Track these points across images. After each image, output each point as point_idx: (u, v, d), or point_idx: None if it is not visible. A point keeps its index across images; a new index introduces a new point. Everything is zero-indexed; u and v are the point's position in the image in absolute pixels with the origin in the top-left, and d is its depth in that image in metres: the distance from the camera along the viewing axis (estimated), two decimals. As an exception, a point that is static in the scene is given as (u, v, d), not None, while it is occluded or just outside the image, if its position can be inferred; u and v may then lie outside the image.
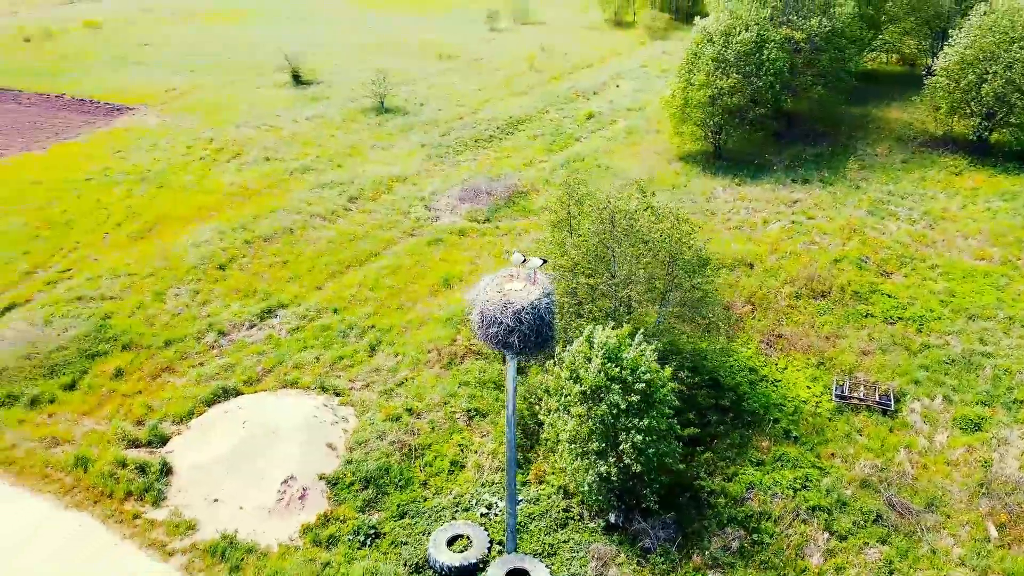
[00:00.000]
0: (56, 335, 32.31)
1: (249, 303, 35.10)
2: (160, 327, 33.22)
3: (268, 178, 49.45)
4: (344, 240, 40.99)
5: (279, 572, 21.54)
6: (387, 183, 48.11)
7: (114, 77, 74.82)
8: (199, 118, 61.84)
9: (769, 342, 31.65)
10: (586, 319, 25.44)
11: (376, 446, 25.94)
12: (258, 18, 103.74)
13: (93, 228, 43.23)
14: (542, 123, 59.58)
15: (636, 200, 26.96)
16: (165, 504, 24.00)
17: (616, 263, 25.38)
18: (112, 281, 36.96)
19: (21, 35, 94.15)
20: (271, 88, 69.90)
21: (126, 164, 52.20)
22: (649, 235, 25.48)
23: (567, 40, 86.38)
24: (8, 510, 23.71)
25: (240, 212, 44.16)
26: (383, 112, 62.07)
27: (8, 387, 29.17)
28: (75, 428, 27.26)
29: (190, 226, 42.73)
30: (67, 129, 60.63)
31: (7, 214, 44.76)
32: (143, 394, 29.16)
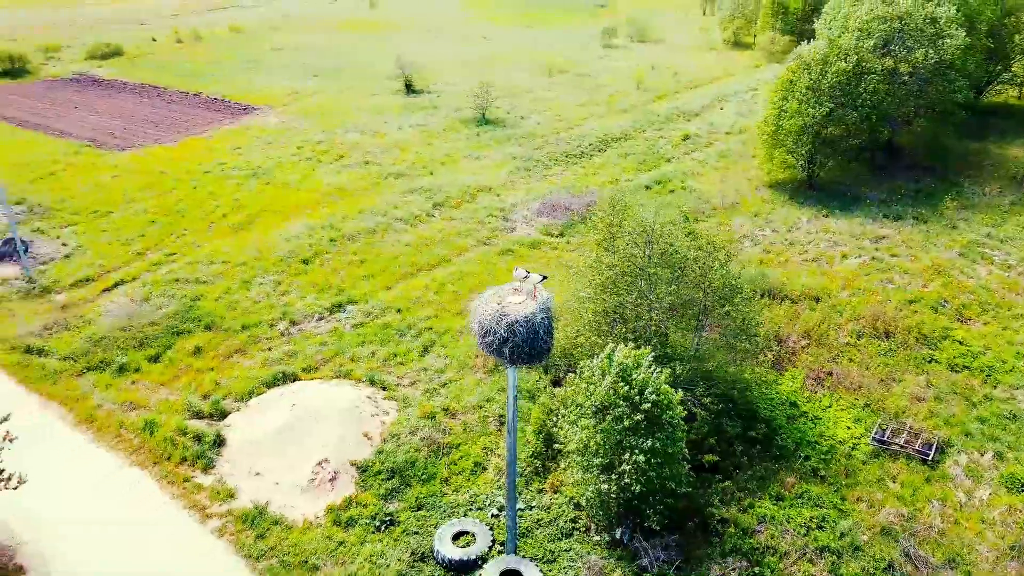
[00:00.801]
0: (151, 311, 35.86)
1: (323, 297, 37.60)
2: (240, 312, 36.18)
3: (364, 181, 52.40)
4: (421, 244, 43.03)
5: (297, 544, 23.40)
6: (472, 192, 49.95)
7: (246, 79, 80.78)
8: (314, 121, 66.00)
9: (818, 378, 31.06)
10: (614, 339, 25.99)
11: (408, 440, 27.51)
12: (387, 30, 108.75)
13: (202, 217, 47.32)
14: (636, 142, 59.93)
15: (676, 223, 27.28)
16: (213, 472, 26.43)
17: (649, 285, 25.85)
18: (207, 267, 40.49)
19: (175, 37, 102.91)
20: (384, 96, 73.56)
21: (241, 160, 56.59)
22: (683, 260, 25.80)
23: (681, 60, 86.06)
24: (80, 462, 26.82)
25: (332, 211, 47.14)
26: (483, 123, 64.20)
27: (103, 354, 32.74)
28: (151, 396, 30.34)
29: (286, 221, 46.01)
30: (197, 125, 66.17)
31: (134, 200, 49.68)
32: (214, 371, 31.98)
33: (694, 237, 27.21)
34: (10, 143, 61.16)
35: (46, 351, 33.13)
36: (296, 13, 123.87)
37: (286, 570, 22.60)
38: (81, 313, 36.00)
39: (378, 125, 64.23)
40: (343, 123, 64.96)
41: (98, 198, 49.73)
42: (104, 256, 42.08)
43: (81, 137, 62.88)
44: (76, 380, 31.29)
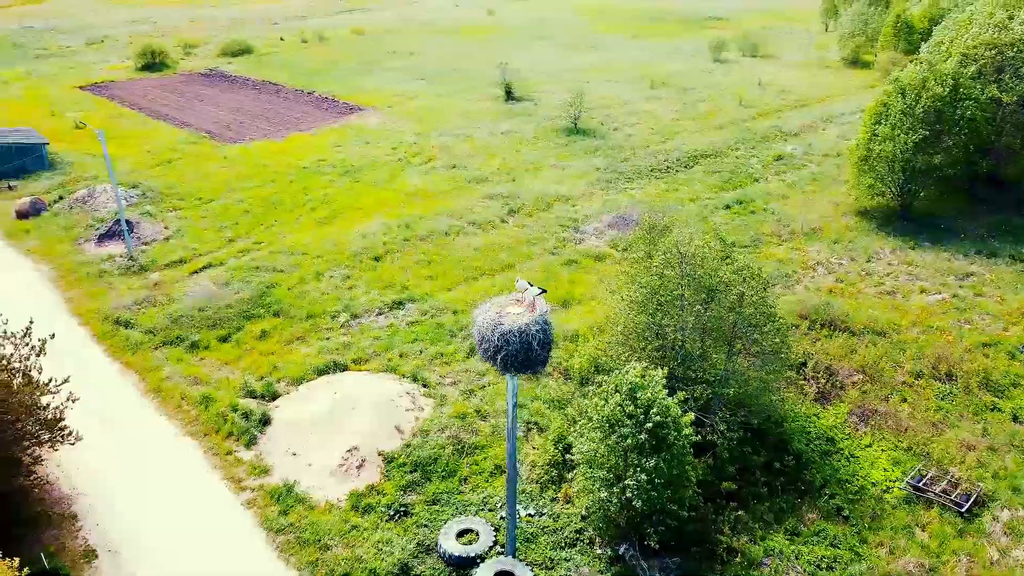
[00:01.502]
0: (229, 295, 38.59)
1: (386, 293, 39.31)
2: (307, 302, 38.37)
3: (446, 184, 54.09)
4: (488, 249, 44.12)
5: (315, 524, 24.90)
6: (548, 201, 50.69)
7: (357, 80, 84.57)
8: (412, 123, 68.52)
9: (863, 415, 30.00)
10: (641, 356, 26.18)
11: (436, 437, 28.60)
12: (501, 36, 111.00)
13: (292, 209, 50.27)
14: (726, 160, 58.97)
15: (710, 246, 27.09)
16: (254, 448, 28.39)
17: (678, 307, 25.85)
18: (287, 257, 43.07)
19: (301, 37, 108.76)
20: (484, 101, 75.37)
21: (338, 157, 59.54)
22: (716, 284, 25.66)
23: (791, 77, 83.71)
24: (142, 428, 29.42)
25: (410, 211, 48.99)
26: (574, 133, 64.81)
27: (179, 331, 35.59)
28: (214, 373, 32.79)
29: (367, 219, 48.21)
30: (305, 122, 70.00)
31: (234, 189, 53.31)
32: (275, 355, 34.15)
33: (731, 262, 26.93)
34: (139, 132, 66.74)
35: (132, 323, 36.34)
36: (418, 17, 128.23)
37: (300, 546, 24.11)
38: (168, 292, 39.17)
39: (471, 130, 65.96)
40: (439, 126, 67.08)
41: (203, 186, 53.66)
42: (198, 240, 45.50)
43: (200, 128, 67.84)
44: (152, 352, 34.21)
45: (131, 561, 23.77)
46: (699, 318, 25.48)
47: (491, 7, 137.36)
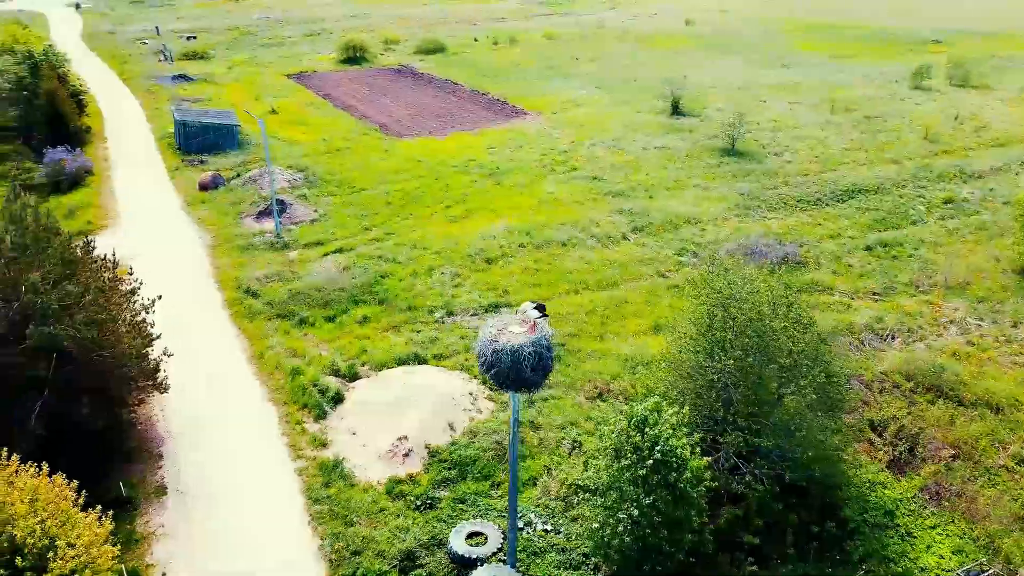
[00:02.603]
0: (345, 279, 41.97)
1: (487, 296, 40.91)
2: (412, 295, 40.85)
3: (582, 194, 54.82)
4: (600, 265, 44.46)
5: (349, 499, 26.99)
6: (676, 222, 49.99)
7: (533, 84, 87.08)
8: (570, 130, 69.78)
9: (938, 493, 27.49)
10: (685, 395, 25.85)
11: (482, 440, 29.78)
12: (693, 47, 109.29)
13: (430, 205, 53.30)
14: (887, 198, 54.91)
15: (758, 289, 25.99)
16: (321, 422, 31.07)
17: (720, 350, 25.18)
18: (409, 250, 45.93)
19: (493, 39, 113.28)
20: (649, 114, 75.08)
21: (488, 159, 62.07)
22: (762, 329, 24.71)
23: (998, 112, 75.77)
24: (235, 388, 33.09)
25: (536, 218, 50.29)
26: (730, 154, 63.05)
27: (293, 306, 39.33)
28: (311, 349, 36.02)
29: (493, 222, 50.14)
30: (470, 122, 73.38)
31: (385, 181, 57.36)
32: (368, 340, 36.85)
33: (787, 307, 25.70)
34: (323, 120, 73.26)
35: (258, 294, 40.61)
36: (614, 24, 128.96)
37: (330, 518, 26.29)
38: (296, 269, 43.26)
39: (625, 142, 66.09)
40: (595, 136, 67.81)
41: (359, 176, 58.17)
42: (339, 226, 49.61)
43: (375, 121, 73.21)
44: (266, 322, 38.14)
45: (191, 501, 27.11)
46: (739, 363, 24.68)
47: (691, 17, 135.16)
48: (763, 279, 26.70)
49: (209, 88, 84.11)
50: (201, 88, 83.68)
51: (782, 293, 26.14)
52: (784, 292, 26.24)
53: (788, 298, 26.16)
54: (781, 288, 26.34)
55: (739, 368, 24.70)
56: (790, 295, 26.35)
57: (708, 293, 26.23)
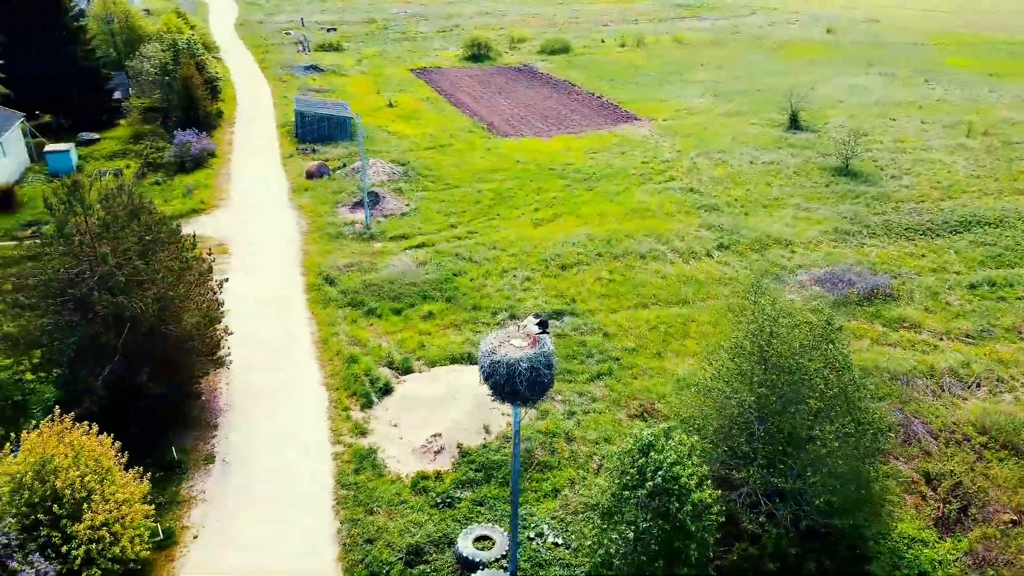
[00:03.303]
0: (419, 274, 43.30)
1: (553, 302, 41.06)
2: (480, 295, 41.59)
3: (673, 206, 53.82)
4: (675, 280, 43.63)
5: (375, 489, 28.05)
6: (765, 243, 48.23)
7: (651, 89, 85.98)
8: (677, 139, 68.53)
9: (983, 561, 25.45)
10: (703, 430, 25.24)
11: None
12: (829, 57, 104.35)
13: (519, 207, 53.93)
14: (1009, 232, 50.64)
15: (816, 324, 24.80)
16: (366, 411, 32.37)
17: (746, 385, 24.35)
18: (487, 250, 46.71)
19: (620, 41, 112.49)
20: (764, 127, 72.55)
21: (586, 164, 61.99)
22: (794, 366, 23.67)
23: None
24: (296, 369, 34.99)
25: (620, 227, 49.88)
26: (842, 174, 60.05)
27: (365, 296, 40.98)
28: (372, 339, 37.49)
29: (577, 228, 50.15)
30: (578, 125, 73.44)
31: (480, 180, 58.49)
32: (428, 336, 37.91)
33: (826, 346, 24.41)
34: (434, 116, 75.41)
35: (336, 282, 42.60)
36: (749, 31, 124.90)
37: (354, 504, 27.45)
38: (376, 261, 45.01)
39: (732, 155, 64.22)
40: (701, 146, 66.27)
41: (456, 173, 59.58)
42: (426, 221, 51.12)
43: (484, 120, 74.59)
44: (337, 310, 39.98)
45: (234, 472, 29.04)
46: (763, 400, 23.80)
47: (834, 25, 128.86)
48: (805, 313, 25.56)
49: (336, 79, 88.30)
50: (329, 79, 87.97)
51: (822, 330, 24.91)
52: (824, 329, 24.99)
53: (828, 335, 24.91)
54: (821, 325, 25.09)
55: (762, 405, 23.83)
56: (830, 332, 25.07)
57: (744, 322, 25.43)
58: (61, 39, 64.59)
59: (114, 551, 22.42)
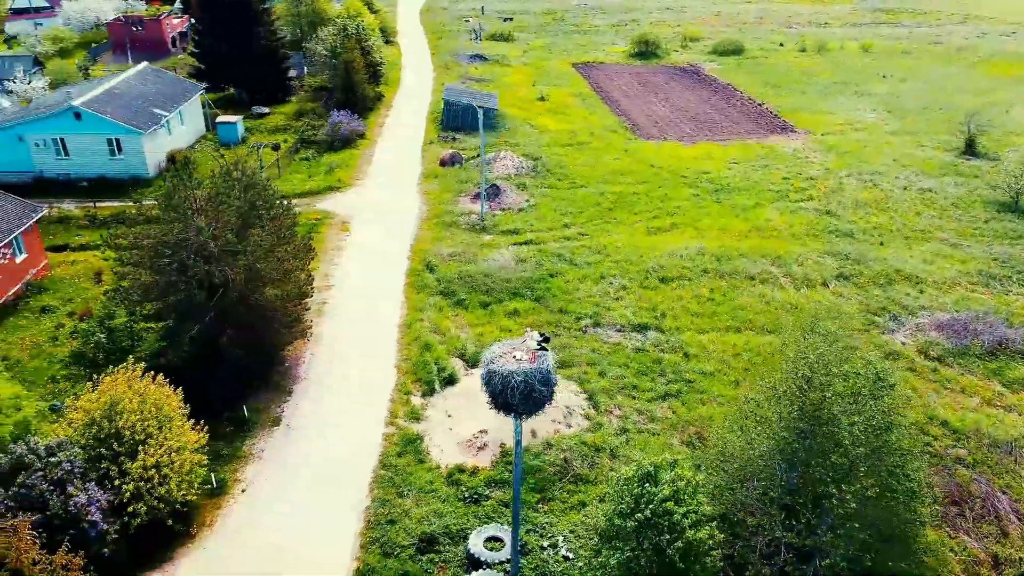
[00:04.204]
0: (515, 270, 44.01)
1: (641, 315, 40.39)
2: (570, 298, 41.68)
3: (801, 228, 50.92)
4: (778, 307, 41.53)
5: (411, 474, 29.34)
6: (892, 278, 44.62)
7: (817, 99, 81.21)
8: (830, 156, 64.52)
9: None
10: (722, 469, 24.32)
11: (555, 454, 30.34)
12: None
13: (638, 213, 53.16)
14: None
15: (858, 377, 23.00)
16: (427, 398, 33.71)
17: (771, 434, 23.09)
18: (591, 254, 46.56)
19: (800, 45, 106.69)
20: (936, 150, 66.68)
21: (722, 174, 59.85)
22: (826, 417, 22.14)
23: None
24: (375, 348, 37.06)
25: (736, 245, 47.94)
26: (1011, 210, 54.13)
27: (457, 287, 42.20)
28: (453, 329, 38.79)
29: (691, 241, 48.79)
30: (727, 132, 70.95)
31: (607, 182, 58.11)
32: (509, 333, 38.51)
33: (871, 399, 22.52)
34: (581, 112, 75.54)
35: (435, 269, 44.32)
36: (952, 41, 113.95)
37: (389, 484, 28.91)
38: (478, 253, 46.24)
39: (886, 179, 59.57)
40: (855, 166, 61.98)
41: (585, 172, 59.57)
42: (540, 218, 51.70)
43: (631, 120, 73.78)
44: (428, 297, 41.64)
45: (294, 436, 31.47)
46: (784, 447, 22.53)
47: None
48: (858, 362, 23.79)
49: (497, 69, 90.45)
50: (490, 69, 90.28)
51: (867, 384, 23.10)
52: (870, 383, 23.15)
53: (874, 391, 23.07)
54: (869, 378, 23.25)
55: (785, 453, 22.61)
56: (877, 388, 23.18)
57: (787, 362, 24.14)
58: (247, 20, 70.97)
59: (160, 491, 25.12)
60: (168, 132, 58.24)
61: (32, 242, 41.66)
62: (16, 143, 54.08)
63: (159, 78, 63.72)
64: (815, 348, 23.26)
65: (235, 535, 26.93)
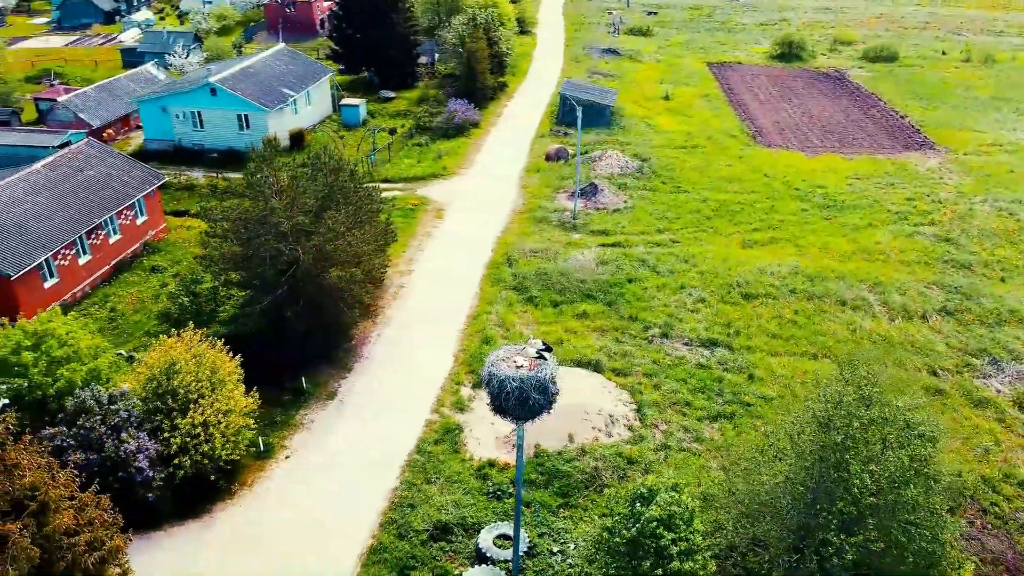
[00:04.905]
0: (594, 273, 43.81)
1: (713, 331, 39.09)
2: (641, 306, 40.95)
3: (914, 254, 47.51)
4: (864, 337, 39.08)
5: (443, 463, 30.16)
6: (1004, 318, 40.90)
7: (967, 115, 75.19)
8: (969, 178, 59.74)
9: None
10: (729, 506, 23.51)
11: (587, 461, 30.25)
12: None
13: (738, 224, 51.32)
14: None
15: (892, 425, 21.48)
16: (475, 391, 34.29)
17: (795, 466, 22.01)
18: (675, 262, 45.44)
19: (965, 55, 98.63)
20: (1098, 178, 59.98)
21: (839, 190, 56.61)
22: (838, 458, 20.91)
23: None
24: (438, 335, 38.14)
25: (835, 267, 45.35)
26: None
27: (532, 283, 42.50)
28: (517, 325, 39.19)
29: (788, 257, 46.65)
30: (857, 145, 67.04)
31: (711, 188, 56.37)
32: (574, 335, 38.57)
33: (897, 447, 20.93)
34: (703, 114, 73.51)
35: (514, 264, 44.85)
36: None
37: (420, 469, 29.92)
38: (561, 251, 46.31)
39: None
40: (991, 191, 56.87)
41: (692, 177, 58.08)
42: (634, 221, 51.03)
43: (755, 125, 71.05)
44: (502, 291, 42.23)
45: (346, 410, 33.21)
46: (792, 487, 21.50)
47: None
48: (889, 408, 22.27)
49: (627, 65, 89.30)
50: (620, 64, 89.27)
51: (895, 433, 21.59)
52: (897, 431, 21.60)
53: (902, 440, 21.53)
54: (896, 426, 21.71)
55: (793, 493, 21.61)
56: (904, 436, 21.60)
57: (812, 397, 23.03)
58: (383, 7, 73.90)
59: (205, 448, 27.26)
60: (294, 111, 61.90)
61: (153, 206, 45.74)
62: (161, 114, 59.29)
63: (294, 59, 67.70)
64: (837, 387, 22.00)
65: (270, 497, 28.82)
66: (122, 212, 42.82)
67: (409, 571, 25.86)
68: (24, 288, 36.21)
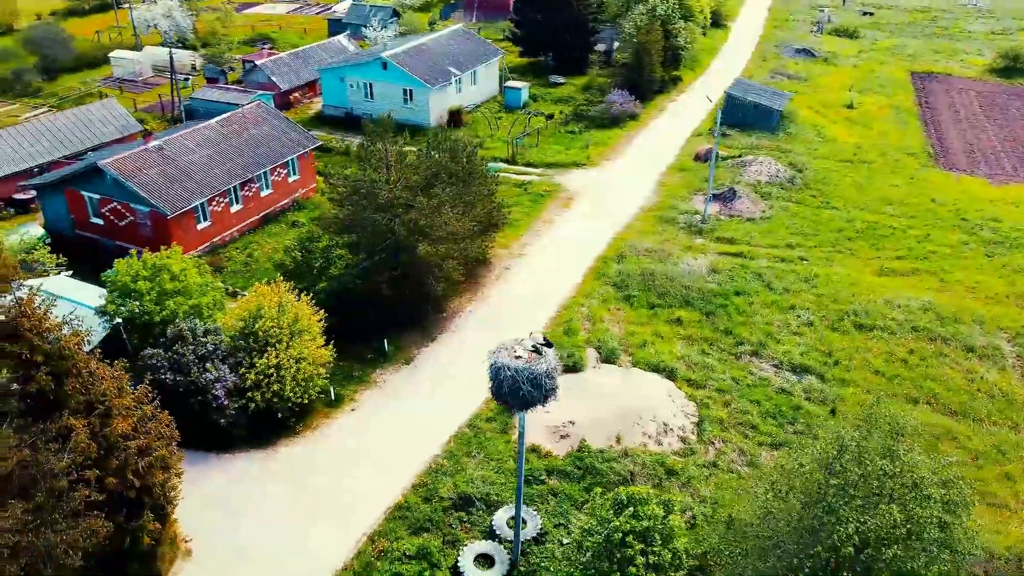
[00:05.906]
0: (702, 280, 42.83)
1: (810, 357, 37.25)
2: (741, 320, 39.67)
3: (1076, 307, 42.04)
4: (980, 388, 35.56)
5: (490, 440, 31.56)
6: None
7: None
8: None
9: None
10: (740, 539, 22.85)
11: (625, 463, 30.30)
12: None
13: (880, 249, 47.74)
14: None
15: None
16: (543, 378, 35.33)
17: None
18: (793, 281, 43.22)
19: None
20: None
21: (1016, 225, 50.81)
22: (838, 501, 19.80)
23: None
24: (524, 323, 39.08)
25: (976, 309, 41.19)
26: None
27: (633, 282, 42.31)
28: (607, 323, 39.42)
29: (925, 292, 42.87)
30: None
31: (863, 208, 52.67)
32: (661, 339, 38.26)
33: (898, 503, 19.32)
34: (887, 127, 68.12)
35: (621, 261, 44.72)
36: None
37: (465, 442, 31.52)
38: (675, 253, 45.52)
39: None
40: None
41: (847, 194, 54.40)
42: (767, 233, 48.88)
43: (942, 145, 64.96)
44: (600, 286, 42.47)
45: (417, 375, 35.57)
46: (776, 531, 20.66)
47: None
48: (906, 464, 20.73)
49: (817, 68, 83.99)
50: (809, 66, 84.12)
51: (898, 488, 20.09)
52: (899, 486, 20.08)
53: (903, 496, 20.00)
54: (900, 482, 20.17)
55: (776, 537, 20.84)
56: (906, 494, 20.02)
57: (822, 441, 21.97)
58: (563, -7, 74.95)
59: (275, 387, 30.48)
60: (457, 90, 64.91)
61: (306, 166, 50.40)
62: (339, 83, 64.56)
63: (468, 40, 70.73)
64: (842, 435, 20.82)
65: (327, 441, 31.70)
66: (275, 169, 47.66)
67: (423, 532, 27.57)
68: (179, 227, 41.66)
